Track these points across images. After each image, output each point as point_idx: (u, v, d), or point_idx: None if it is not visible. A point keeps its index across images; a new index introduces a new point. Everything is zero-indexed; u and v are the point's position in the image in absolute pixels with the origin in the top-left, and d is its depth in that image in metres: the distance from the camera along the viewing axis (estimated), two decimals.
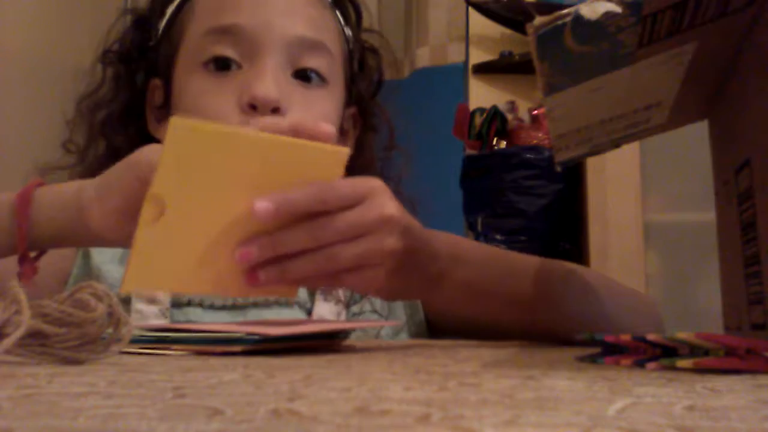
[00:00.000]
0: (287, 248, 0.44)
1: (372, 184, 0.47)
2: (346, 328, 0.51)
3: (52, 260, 0.67)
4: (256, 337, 0.42)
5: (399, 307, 0.70)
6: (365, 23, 0.81)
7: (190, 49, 0.69)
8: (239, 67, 0.66)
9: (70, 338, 0.35)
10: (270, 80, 0.64)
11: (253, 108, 0.64)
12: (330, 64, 0.69)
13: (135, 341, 0.42)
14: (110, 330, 0.36)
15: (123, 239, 0.43)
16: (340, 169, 0.45)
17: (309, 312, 0.67)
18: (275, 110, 0.64)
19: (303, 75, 0.67)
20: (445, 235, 0.58)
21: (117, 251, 0.68)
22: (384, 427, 0.18)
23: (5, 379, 0.28)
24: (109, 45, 0.77)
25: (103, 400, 0.23)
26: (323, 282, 0.48)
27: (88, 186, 0.50)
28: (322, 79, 0.68)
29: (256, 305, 0.65)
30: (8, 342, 0.32)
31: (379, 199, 0.47)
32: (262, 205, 0.42)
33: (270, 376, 0.30)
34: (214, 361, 0.38)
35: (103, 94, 0.76)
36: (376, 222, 0.46)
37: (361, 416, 0.20)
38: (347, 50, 0.75)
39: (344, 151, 0.45)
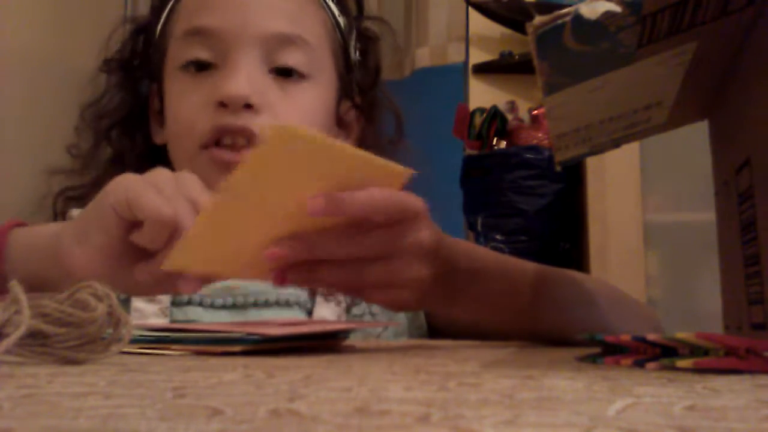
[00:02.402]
0: (318, 255, 0.44)
1: (417, 206, 0.46)
2: (346, 329, 0.51)
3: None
4: (256, 337, 0.42)
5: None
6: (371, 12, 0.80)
7: (172, 52, 0.69)
8: (216, 67, 0.66)
9: (70, 338, 0.35)
10: (241, 77, 0.64)
11: (224, 106, 0.63)
12: (310, 58, 0.68)
13: (135, 341, 0.42)
14: (110, 330, 0.36)
15: (108, 279, 0.41)
16: (399, 188, 0.45)
17: (309, 313, 0.67)
18: (247, 107, 0.63)
19: (281, 71, 0.67)
20: (464, 246, 0.57)
21: None
22: (384, 427, 0.18)
23: (5, 379, 0.28)
24: (111, 53, 0.77)
25: (103, 400, 0.23)
26: (347, 293, 0.48)
27: (67, 230, 0.49)
28: (302, 75, 0.67)
29: (256, 305, 0.65)
30: (8, 342, 0.32)
31: (418, 224, 0.46)
32: (316, 200, 0.41)
33: (270, 376, 0.30)
34: (214, 361, 0.38)
35: (106, 102, 0.76)
36: (410, 246, 0.45)
37: (361, 416, 0.20)
38: (340, 40, 0.74)
39: (407, 172, 0.45)
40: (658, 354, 0.35)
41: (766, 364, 0.31)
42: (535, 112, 1.84)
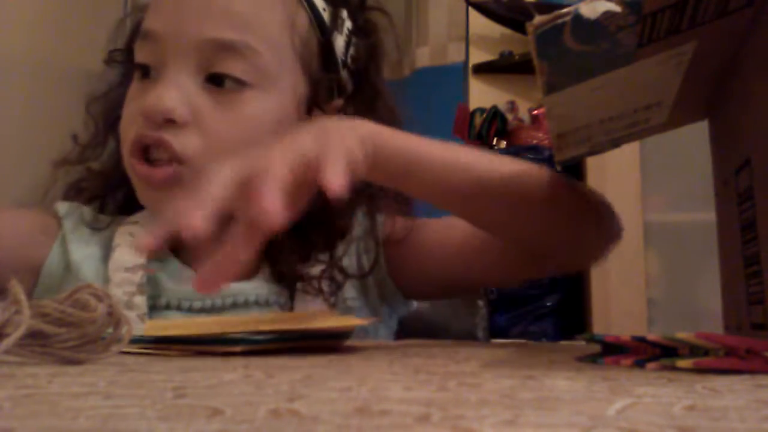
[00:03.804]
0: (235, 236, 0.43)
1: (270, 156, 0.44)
2: (346, 329, 0.51)
3: (22, 244, 0.65)
4: (258, 337, 0.43)
5: (372, 289, 0.69)
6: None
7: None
8: (156, 73, 0.63)
9: (70, 338, 0.35)
10: (164, 90, 0.61)
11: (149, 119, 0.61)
12: (255, 65, 0.63)
13: (135, 341, 0.42)
14: (110, 330, 0.36)
15: None
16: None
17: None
18: (169, 121, 0.60)
19: (217, 80, 0.62)
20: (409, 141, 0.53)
21: (95, 249, 0.67)
22: (384, 427, 0.18)
23: (5, 379, 0.28)
24: (114, 46, 0.76)
25: (103, 400, 0.23)
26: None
27: None
28: (243, 83, 0.63)
29: (235, 305, 0.65)
30: (8, 342, 0.32)
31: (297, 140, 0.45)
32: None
33: (270, 376, 0.30)
34: (214, 361, 0.38)
35: (113, 95, 0.75)
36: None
37: (361, 416, 0.20)
38: (319, 38, 0.69)
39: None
40: (658, 354, 0.35)
41: (766, 364, 0.31)
42: (535, 112, 1.84)
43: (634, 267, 1.64)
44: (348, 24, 0.72)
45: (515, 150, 1.77)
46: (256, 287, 0.65)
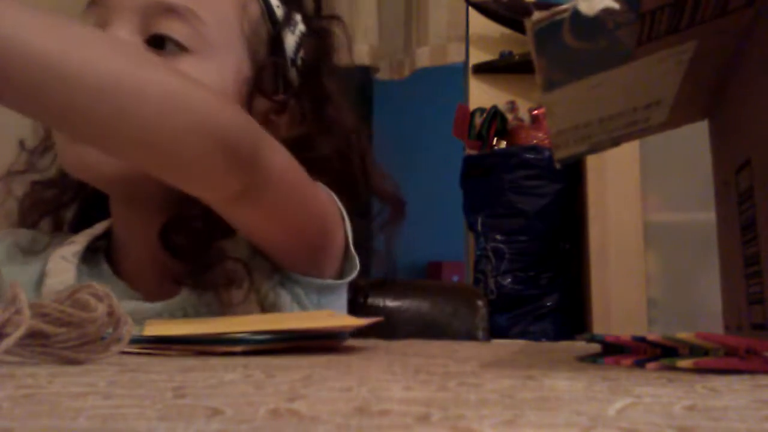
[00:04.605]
0: None
1: None
2: (346, 329, 0.51)
3: None
4: (258, 337, 0.43)
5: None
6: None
7: None
8: None
9: (70, 338, 0.35)
10: None
11: None
12: (197, 31, 0.63)
13: (135, 341, 0.42)
14: (110, 330, 0.36)
15: None
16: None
17: None
18: None
19: (157, 41, 0.62)
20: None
21: (32, 274, 0.67)
22: (384, 427, 0.18)
23: (5, 379, 0.28)
24: None
25: (103, 400, 0.23)
26: None
27: None
28: (183, 47, 0.63)
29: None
30: (8, 342, 0.32)
31: None
32: None
33: (270, 376, 0.30)
34: (214, 361, 0.38)
35: None
36: None
37: (361, 416, 0.20)
38: (269, 28, 0.69)
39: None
40: (658, 354, 0.35)
41: (766, 364, 0.31)
42: (535, 112, 1.84)
43: (634, 267, 1.65)
44: (301, 27, 0.72)
45: (515, 150, 1.77)
46: (182, 301, 0.64)
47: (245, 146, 0.52)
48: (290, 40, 0.71)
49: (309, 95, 0.71)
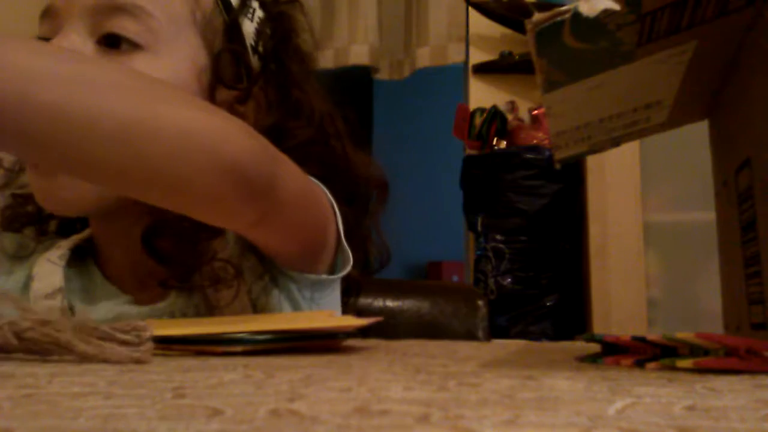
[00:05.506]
0: None
1: None
2: (346, 329, 0.51)
3: None
4: (258, 337, 0.43)
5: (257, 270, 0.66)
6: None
7: None
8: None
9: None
10: None
11: None
12: (148, 27, 0.63)
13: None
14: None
15: None
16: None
17: None
18: None
19: (108, 40, 0.62)
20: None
21: (18, 279, 0.67)
22: (384, 427, 0.18)
23: (5, 379, 0.28)
24: None
25: (103, 400, 0.23)
26: None
27: None
28: (135, 44, 0.62)
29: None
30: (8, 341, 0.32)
31: None
32: None
33: (270, 376, 0.30)
34: (214, 361, 0.38)
35: None
36: None
37: (361, 416, 0.20)
38: (225, 18, 0.69)
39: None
40: (658, 354, 0.35)
41: (766, 364, 0.31)
42: (535, 112, 1.84)
43: (634, 267, 1.65)
44: (260, 13, 0.72)
45: (515, 150, 1.77)
46: (170, 304, 0.64)
47: (262, 178, 0.52)
48: (249, 28, 0.70)
49: (273, 81, 0.70)
